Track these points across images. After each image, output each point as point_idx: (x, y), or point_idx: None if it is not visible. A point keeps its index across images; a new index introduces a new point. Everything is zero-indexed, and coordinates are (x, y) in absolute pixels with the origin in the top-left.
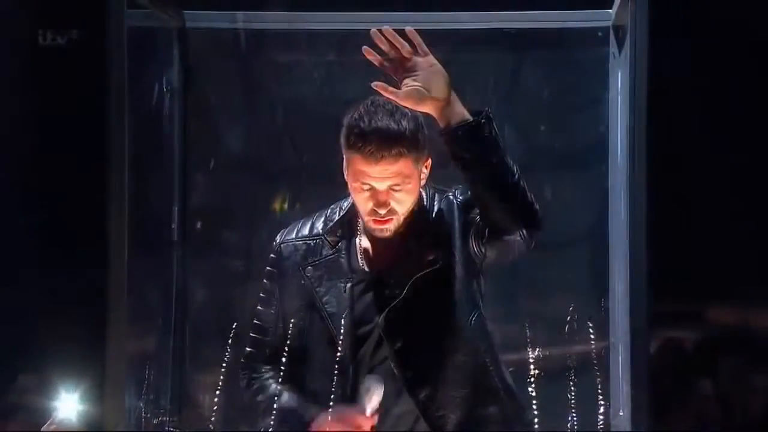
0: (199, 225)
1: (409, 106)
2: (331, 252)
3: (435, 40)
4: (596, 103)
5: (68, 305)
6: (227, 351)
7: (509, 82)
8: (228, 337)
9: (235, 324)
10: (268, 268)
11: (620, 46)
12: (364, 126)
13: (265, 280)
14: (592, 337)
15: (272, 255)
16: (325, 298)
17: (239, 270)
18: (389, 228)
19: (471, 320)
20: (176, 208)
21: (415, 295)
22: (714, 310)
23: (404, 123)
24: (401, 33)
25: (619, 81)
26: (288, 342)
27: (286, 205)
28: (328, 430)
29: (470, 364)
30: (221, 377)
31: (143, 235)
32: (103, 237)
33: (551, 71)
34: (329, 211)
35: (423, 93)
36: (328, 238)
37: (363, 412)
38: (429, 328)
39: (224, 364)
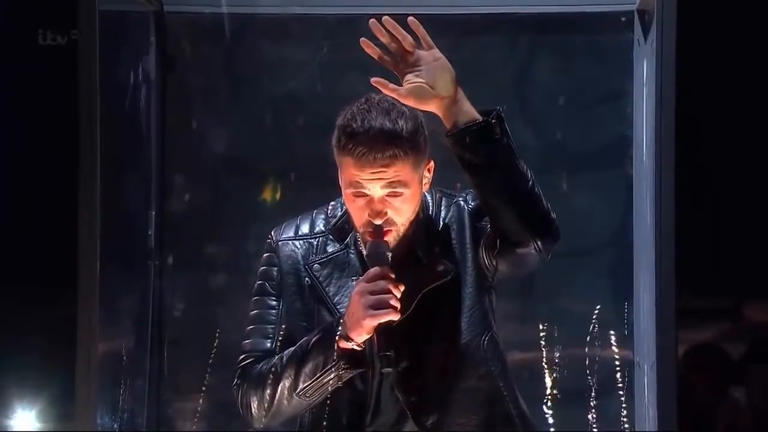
0: (179, 231)
1: (412, 105)
2: (338, 248)
3: (440, 27)
4: (619, 96)
5: (35, 318)
6: (208, 370)
7: (522, 74)
8: (210, 356)
9: (216, 340)
10: (263, 267)
11: (646, 32)
12: (356, 126)
13: (261, 281)
14: (614, 355)
15: (268, 254)
16: (336, 298)
17: (224, 282)
18: (387, 240)
19: (483, 340)
20: (153, 213)
21: (422, 311)
22: (748, 321)
23: (401, 122)
24: (403, 23)
25: (644, 71)
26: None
27: (278, 195)
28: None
29: (481, 389)
30: (201, 399)
31: (117, 242)
32: (72, 245)
33: (569, 61)
34: (329, 208)
35: (427, 90)
36: (332, 235)
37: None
38: (436, 347)
39: (205, 384)
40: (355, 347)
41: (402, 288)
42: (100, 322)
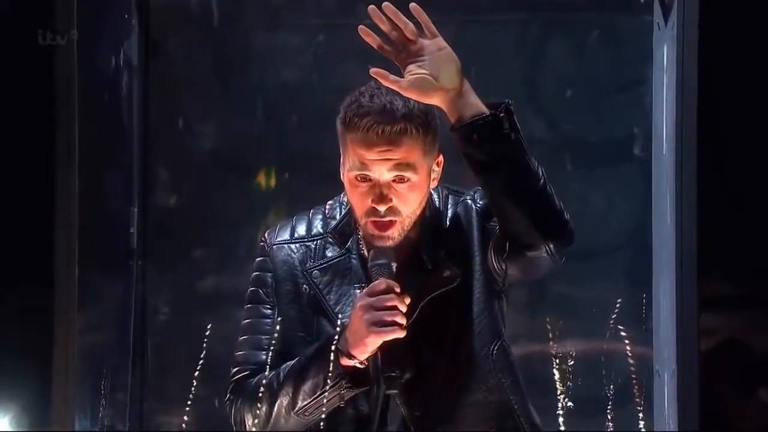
0: (163, 229)
1: (414, 98)
2: (339, 253)
3: (444, 10)
4: (636, 85)
5: (10, 321)
6: (195, 380)
7: (533, 60)
8: (197, 365)
9: (204, 347)
10: (256, 273)
11: (666, 15)
12: (364, 101)
13: (254, 288)
14: (631, 363)
15: (262, 258)
16: (337, 307)
17: (213, 284)
18: (392, 235)
19: (492, 350)
20: (135, 210)
21: (427, 319)
22: None
23: (412, 101)
24: (405, 9)
25: (664, 58)
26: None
27: (271, 192)
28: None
29: (490, 402)
30: (187, 412)
31: (96, 241)
32: (49, 244)
33: (582, 47)
34: (327, 208)
35: (430, 82)
36: (332, 239)
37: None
38: (442, 358)
39: (191, 395)
40: (358, 365)
41: (408, 301)
42: (79, 326)
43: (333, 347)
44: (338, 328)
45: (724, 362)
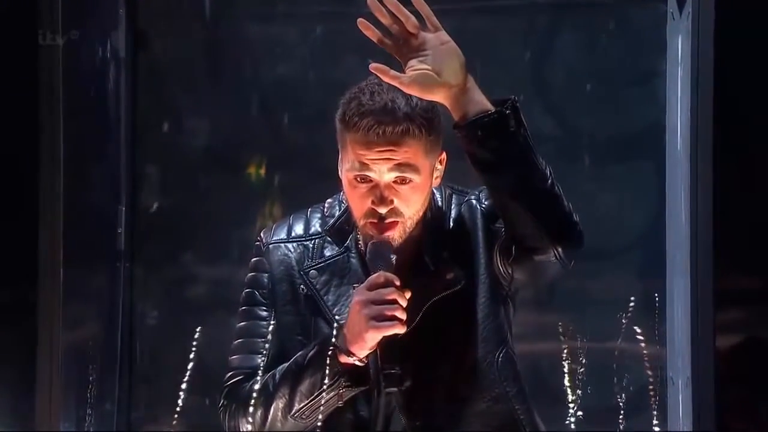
0: (152, 230)
1: (416, 94)
2: (337, 252)
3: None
4: (650, 77)
5: None
6: (184, 388)
7: (541, 52)
8: (187, 372)
9: (194, 354)
10: (252, 274)
11: (681, 5)
12: (364, 99)
13: (250, 289)
14: (644, 370)
15: (258, 258)
16: (335, 308)
17: (204, 287)
18: (393, 237)
19: (497, 357)
20: (123, 209)
21: (429, 324)
22: None
23: (414, 99)
24: (406, 1)
25: (678, 49)
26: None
27: (265, 191)
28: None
29: (495, 412)
30: (176, 422)
31: (82, 242)
32: (32, 244)
33: (594, 37)
34: (326, 206)
35: (433, 78)
36: (330, 237)
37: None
38: (445, 365)
39: (180, 404)
40: (357, 362)
41: (408, 296)
42: (63, 330)
43: (331, 345)
44: (336, 326)
45: (740, 364)
